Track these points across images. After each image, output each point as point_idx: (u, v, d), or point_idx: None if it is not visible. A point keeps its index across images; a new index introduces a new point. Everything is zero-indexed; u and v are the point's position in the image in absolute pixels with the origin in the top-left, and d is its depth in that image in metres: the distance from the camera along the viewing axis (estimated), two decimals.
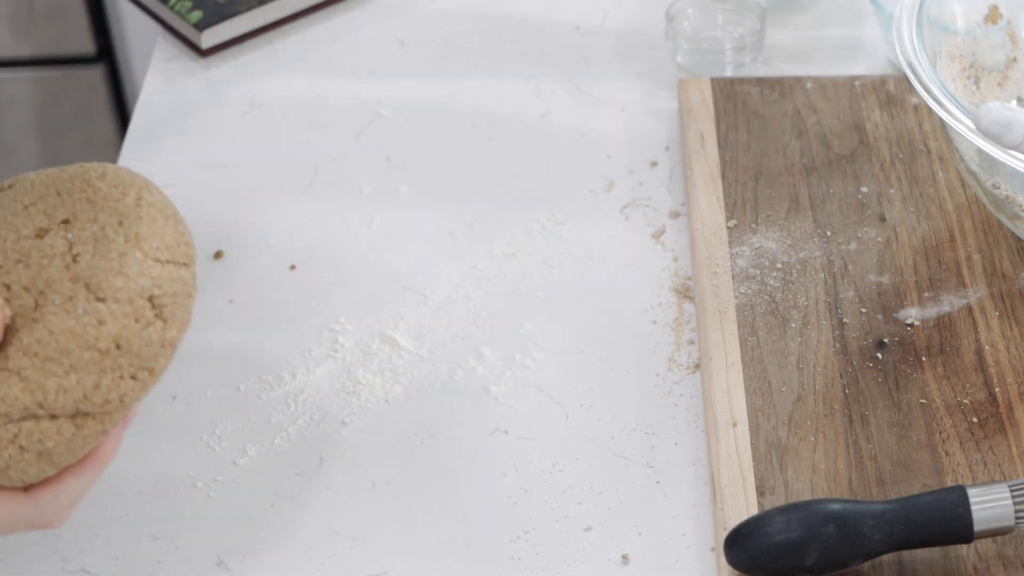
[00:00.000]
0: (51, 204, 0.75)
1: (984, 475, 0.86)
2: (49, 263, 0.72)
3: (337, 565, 0.85)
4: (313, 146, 1.12)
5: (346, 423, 0.92)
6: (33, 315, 0.72)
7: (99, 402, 0.72)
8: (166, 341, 0.73)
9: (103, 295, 0.72)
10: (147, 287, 0.73)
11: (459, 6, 1.24)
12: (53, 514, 0.75)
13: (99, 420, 0.73)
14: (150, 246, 0.73)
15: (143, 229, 0.74)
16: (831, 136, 1.08)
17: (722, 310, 0.95)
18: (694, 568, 0.84)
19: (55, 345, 0.71)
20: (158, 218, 0.75)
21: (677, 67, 1.17)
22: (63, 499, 0.75)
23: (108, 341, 0.71)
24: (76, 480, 0.75)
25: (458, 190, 1.08)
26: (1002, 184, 0.94)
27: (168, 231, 0.75)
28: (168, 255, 0.74)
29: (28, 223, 0.74)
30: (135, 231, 0.74)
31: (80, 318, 0.71)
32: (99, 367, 0.72)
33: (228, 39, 1.21)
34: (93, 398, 0.72)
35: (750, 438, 0.88)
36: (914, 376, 0.91)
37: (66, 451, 0.73)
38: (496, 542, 0.86)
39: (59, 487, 0.74)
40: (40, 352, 0.71)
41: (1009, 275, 0.97)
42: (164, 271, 0.73)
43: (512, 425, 0.92)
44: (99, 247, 0.73)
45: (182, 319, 0.74)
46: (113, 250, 0.73)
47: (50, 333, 0.71)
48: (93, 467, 0.75)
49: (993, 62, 1.04)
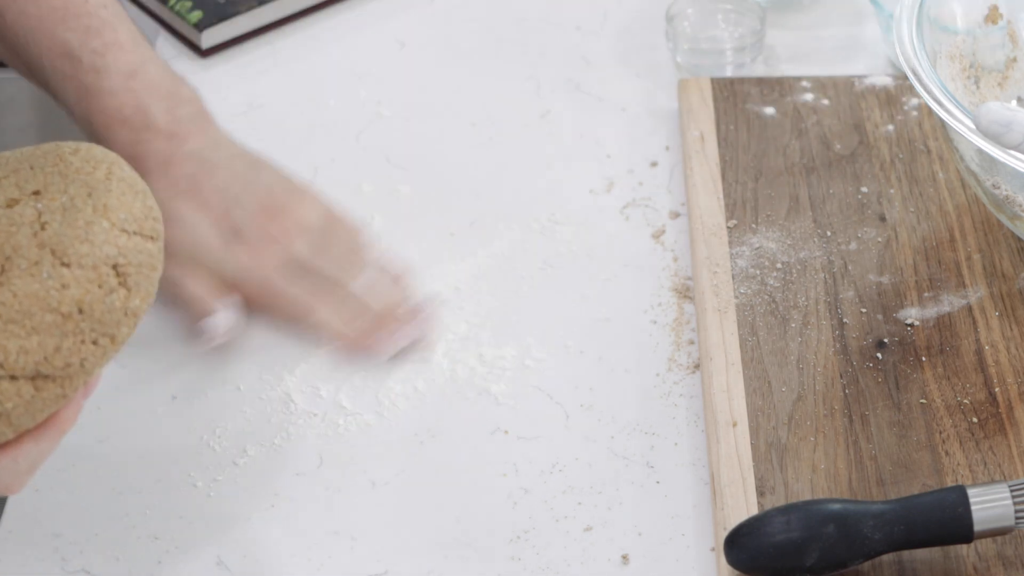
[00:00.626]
0: (23, 177, 0.76)
1: (984, 475, 0.86)
2: (17, 231, 0.73)
3: (337, 565, 0.85)
4: (313, 146, 1.12)
5: (346, 423, 0.92)
6: None
7: (60, 365, 0.72)
8: (129, 309, 0.74)
9: (68, 260, 0.73)
10: (112, 255, 0.73)
11: (459, 6, 1.24)
12: (11, 478, 0.75)
13: (59, 384, 0.73)
14: (118, 217, 0.74)
15: (112, 201, 0.75)
16: (831, 136, 1.08)
17: (722, 310, 0.95)
18: (694, 568, 0.84)
19: (18, 307, 0.72)
20: (127, 192, 0.76)
21: (677, 67, 1.17)
22: (21, 464, 0.75)
23: (71, 305, 0.72)
24: (35, 445, 0.75)
25: (458, 190, 1.08)
26: (1002, 184, 0.94)
27: (137, 204, 0.76)
28: (135, 227, 0.75)
29: (0, 195, 0.75)
30: (103, 202, 0.75)
31: (44, 281, 0.72)
32: (61, 330, 0.72)
33: (228, 39, 1.21)
34: (54, 361, 0.72)
35: (750, 438, 0.88)
36: (914, 376, 0.91)
37: (24, 413, 0.73)
38: (496, 542, 0.86)
39: (17, 451, 0.74)
40: (2, 314, 0.72)
41: (1009, 275, 0.97)
42: (130, 242, 0.74)
43: (512, 425, 0.92)
44: (67, 216, 0.74)
45: (146, 290, 0.75)
46: (81, 219, 0.74)
47: (13, 296, 0.72)
48: (52, 433, 0.75)
49: (993, 62, 1.04)
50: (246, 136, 1.13)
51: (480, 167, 1.10)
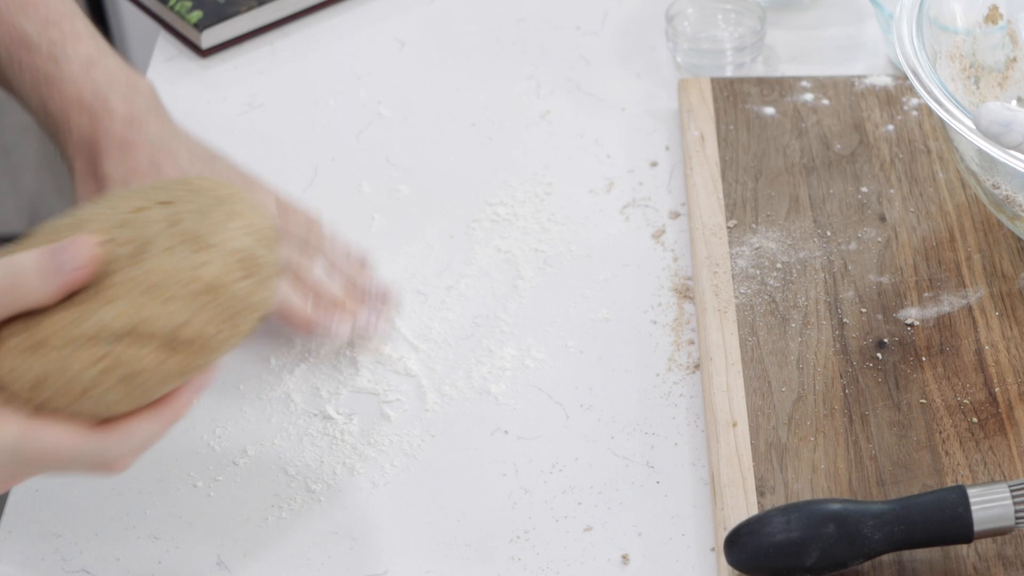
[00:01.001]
0: (150, 194, 0.80)
1: (984, 475, 0.86)
2: (151, 225, 0.77)
3: (337, 565, 0.85)
4: (313, 146, 1.12)
5: (346, 423, 0.92)
6: (134, 260, 0.75)
7: (188, 337, 0.75)
8: (252, 303, 0.77)
9: (200, 248, 0.76)
10: (240, 249, 0.77)
11: (459, 6, 1.24)
12: (118, 455, 0.75)
13: (184, 357, 0.75)
14: (244, 222, 0.78)
15: (238, 208, 0.78)
16: (831, 136, 1.08)
17: (722, 310, 0.95)
18: (694, 568, 0.84)
19: (155, 279, 0.75)
20: (251, 206, 0.79)
21: (677, 67, 1.17)
22: (132, 442, 0.75)
23: (203, 284, 0.75)
24: (147, 424, 0.75)
25: (458, 190, 1.08)
26: (1002, 184, 0.94)
27: (258, 217, 0.79)
28: (259, 235, 0.78)
29: (126, 205, 0.78)
30: (233, 209, 0.78)
31: (179, 260, 0.75)
32: (193, 305, 0.75)
33: (228, 39, 1.21)
34: (183, 332, 0.74)
35: (750, 438, 0.88)
36: (914, 376, 0.91)
37: (147, 381, 0.75)
38: (496, 542, 0.86)
39: (130, 426, 0.75)
40: (140, 283, 0.75)
41: (1009, 275, 0.97)
42: (257, 244, 0.78)
43: (512, 425, 0.92)
44: (197, 217, 0.77)
45: (268, 292, 0.78)
46: (210, 220, 0.77)
47: (151, 270, 0.75)
48: (166, 414, 0.76)
49: (993, 62, 1.04)
50: (246, 136, 1.13)
51: (480, 167, 1.10)
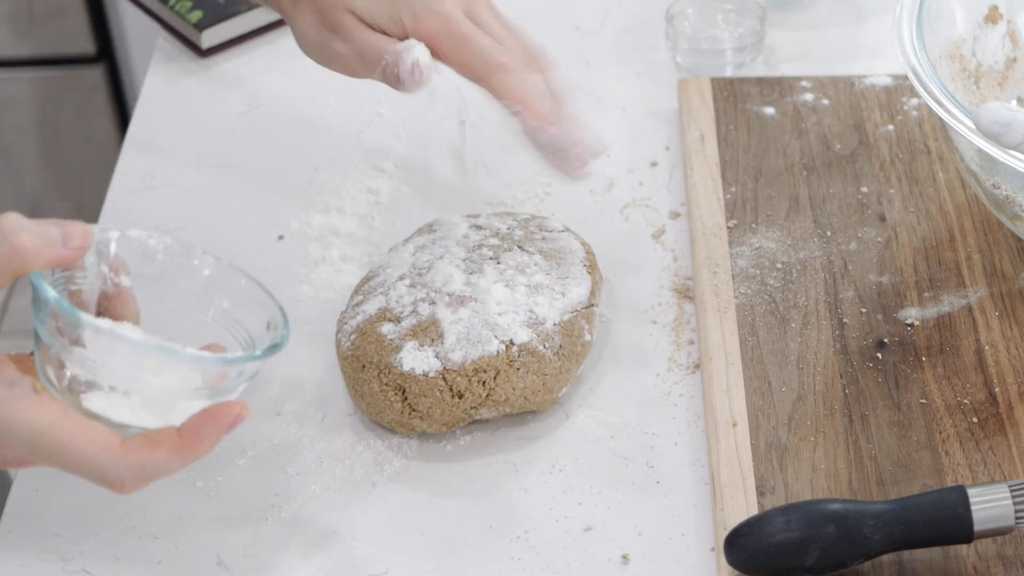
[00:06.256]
0: None
1: (984, 475, 0.86)
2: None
3: (337, 565, 0.85)
4: (313, 146, 1.12)
5: (346, 423, 0.92)
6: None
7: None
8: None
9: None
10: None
11: None
12: (130, 478, 0.74)
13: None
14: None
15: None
16: (831, 136, 1.08)
17: (722, 310, 0.95)
18: (694, 568, 0.84)
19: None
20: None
21: (677, 67, 1.17)
22: (146, 470, 0.74)
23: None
24: (166, 458, 0.74)
25: (458, 190, 1.08)
26: (1002, 184, 0.94)
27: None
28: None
29: None
30: None
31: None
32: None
33: (228, 39, 1.21)
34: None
35: (750, 438, 0.88)
36: (914, 376, 0.91)
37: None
38: (496, 542, 0.86)
39: (152, 454, 0.74)
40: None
41: (1009, 275, 0.97)
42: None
43: (512, 425, 0.92)
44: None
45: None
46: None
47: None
48: (185, 454, 0.75)
49: (993, 62, 1.04)
50: (246, 136, 1.13)
51: (480, 167, 1.10)
